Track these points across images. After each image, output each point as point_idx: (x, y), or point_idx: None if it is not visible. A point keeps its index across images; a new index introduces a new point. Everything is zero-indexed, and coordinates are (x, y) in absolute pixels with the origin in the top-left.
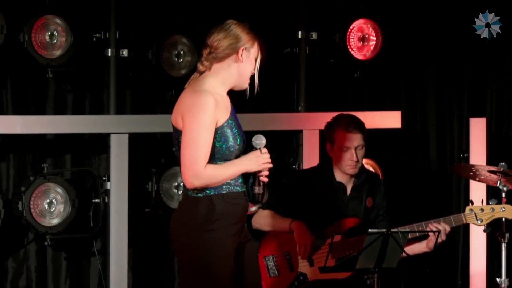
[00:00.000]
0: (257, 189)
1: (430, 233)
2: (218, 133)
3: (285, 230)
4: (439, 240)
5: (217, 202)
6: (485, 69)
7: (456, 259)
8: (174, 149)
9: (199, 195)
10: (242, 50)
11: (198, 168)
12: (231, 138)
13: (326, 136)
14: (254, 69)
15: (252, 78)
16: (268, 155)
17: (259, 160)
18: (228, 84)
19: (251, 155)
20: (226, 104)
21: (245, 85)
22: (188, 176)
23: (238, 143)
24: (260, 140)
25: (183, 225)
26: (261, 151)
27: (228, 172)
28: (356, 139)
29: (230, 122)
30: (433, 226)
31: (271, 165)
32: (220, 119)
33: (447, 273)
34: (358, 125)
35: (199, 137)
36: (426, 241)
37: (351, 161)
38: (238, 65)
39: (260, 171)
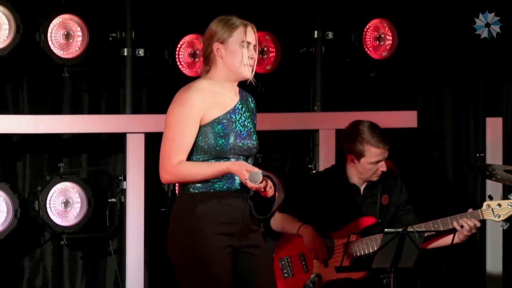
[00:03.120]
0: (250, 203)
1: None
2: (201, 130)
3: (294, 234)
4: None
5: (200, 200)
6: (501, 68)
7: (472, 257)
8: None
9: (186, 192)
10: (216, 46)
11: (168, 164)
12: (211, 136)
13: (350, 147)
14: (249, 53)
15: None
16: (262, 185)
17: (243, 173)
18: (223, 80)
19: (237, 164)
20: (222, 101)
21: (242, 74)
22: (160, 171)
23: (222, 142)
24: (253, 178)
25: (170, 222)
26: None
27: (203, 170)
28: (387, 151)
29: (223, 120)
30: (463, 221)
31: (265, 191)
32: (208, 115)
33: (463, 272)
34: (387, 137)
35: (174, 132)
36: (458, 232)
37: (380, 172)
38: (222, 60)
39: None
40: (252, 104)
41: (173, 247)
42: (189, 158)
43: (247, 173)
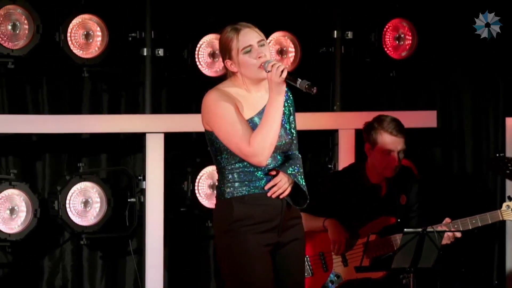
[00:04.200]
0: (300, 81)
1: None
2: None
3: (318, 229)
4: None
5: (235, 205)
6: None
7: (492, 258)
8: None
9: (221, 198)
10: (227, 63)
11: (246, 149)
12: None
13: (367, 137)
14: (253, 56)
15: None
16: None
17: (274, 73)
18: (245, 85)
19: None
20: (252, 102)
21: (261, 76)
22: (250, 160)
23: None
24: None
25: (214, 227)
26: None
27: (266, 124)
28: (400, 143)
29: (255, 119)
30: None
31: (283, 66)
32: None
33: (483, 272)
34: (402, 129)
35: (227, 126)
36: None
37: (392, 164)
38: (238, 72)
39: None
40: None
41: (218, 251)
42: (219, 159)
43: None
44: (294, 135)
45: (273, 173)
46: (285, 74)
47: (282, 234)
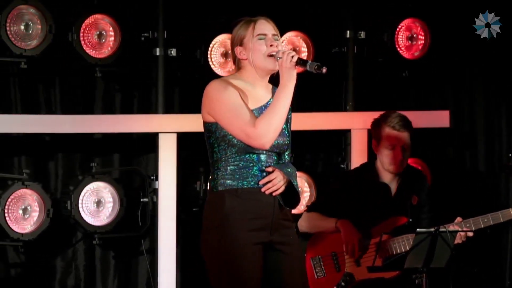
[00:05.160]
0: (309, 63)
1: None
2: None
3: (330, 230)
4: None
5: (227, 198)
6: None
7: (505, 257)
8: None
9: (214, 190)
10: (238, 50)
11: (250, 131)
12: None
13: (373, 133)
14: (270, 44)
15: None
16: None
17: (285, 59)
18: (251, 77)
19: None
20: (255, 95)
21: (268, 66)
22: (254, 143)
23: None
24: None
25: (204, 221)
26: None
27: (274, 108)
28: (403, 138)
29: (255, 113)
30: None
31: (293, 53)
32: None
33: (495, 272)
34: (406, 124)
35: (231, 110)
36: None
37: (397, 160)
38: (247, 61)
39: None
40: None
41: (204, 245)
42: (216, 150)
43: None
44: (289, 138)
45: (270, 169)
46: (295, 58)
47: (274, 233)
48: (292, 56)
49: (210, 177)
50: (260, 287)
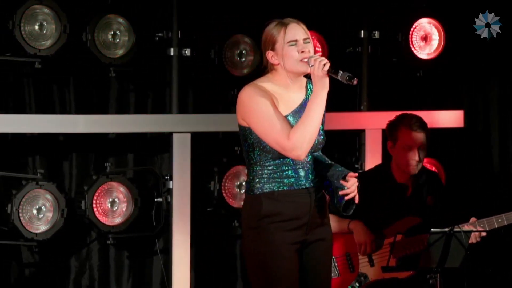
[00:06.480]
0: (341, 73)
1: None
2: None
3: (343, 231)
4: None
5: (264, 201)
6: None
7: None
8: (237, 148)
9: (250, 193)
10: (269, 54)
11: (285, 143)
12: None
13: (388, 134)
14: (301, 49)
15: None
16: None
17: (317, 67)
18: (283, 80)
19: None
20: (288, 99)
21: (301, 70)
22: (289, 154)
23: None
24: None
25: (241, 223)
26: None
27: (308, 118)
28: (419, 138)
29: (289, 118)
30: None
31: (325, 60)
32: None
33: (510, 272)
34: (422, 125)
35: (265, 120)
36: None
37: (413, 161)
38: (279, 65)
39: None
40: None
41: (243, 247)
42: (251, 155)
43: None
44: (323, 137)
45: (355, 175)
46: (327, 67)
47: (310, 232)
48: (324, 64)
49: (246, 179)
50: (296, 285)
